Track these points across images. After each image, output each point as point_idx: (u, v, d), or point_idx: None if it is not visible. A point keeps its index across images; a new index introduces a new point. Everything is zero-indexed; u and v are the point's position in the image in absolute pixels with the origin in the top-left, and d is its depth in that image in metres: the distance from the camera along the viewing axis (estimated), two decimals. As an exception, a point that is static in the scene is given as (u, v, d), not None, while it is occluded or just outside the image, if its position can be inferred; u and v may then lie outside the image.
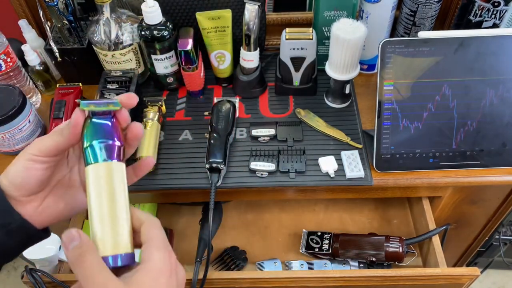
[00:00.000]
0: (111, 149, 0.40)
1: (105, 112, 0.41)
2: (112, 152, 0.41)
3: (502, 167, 0.75)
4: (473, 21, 0.80)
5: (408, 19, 0.83)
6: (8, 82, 0.82)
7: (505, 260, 1.31)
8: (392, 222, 0.93)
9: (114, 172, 0.40)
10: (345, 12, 0.80)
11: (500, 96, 0.72)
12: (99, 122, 0.41)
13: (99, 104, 0.41)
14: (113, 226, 0.39)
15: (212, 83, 0.90)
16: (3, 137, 0.75)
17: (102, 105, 0.41)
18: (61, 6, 0.79)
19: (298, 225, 0.93)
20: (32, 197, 0.43)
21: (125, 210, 0.40)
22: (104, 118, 0.41)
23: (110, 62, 0.82)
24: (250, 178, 0.74)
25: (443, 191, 0.80)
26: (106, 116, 0.41)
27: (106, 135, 0.41)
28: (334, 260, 0.87)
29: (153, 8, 0.75)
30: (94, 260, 0.37)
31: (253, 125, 0.81)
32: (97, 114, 0.41)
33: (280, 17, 0.91)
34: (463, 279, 0.73)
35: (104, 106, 0.41)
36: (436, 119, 0.73)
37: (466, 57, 0.70)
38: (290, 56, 0.80)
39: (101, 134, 0.40)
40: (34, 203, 0.44)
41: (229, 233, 0.93)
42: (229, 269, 0.87)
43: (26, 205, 0.43)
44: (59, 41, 0.84)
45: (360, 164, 0.74)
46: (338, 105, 0.84)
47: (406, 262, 0.87)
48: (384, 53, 0.70)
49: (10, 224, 0.41)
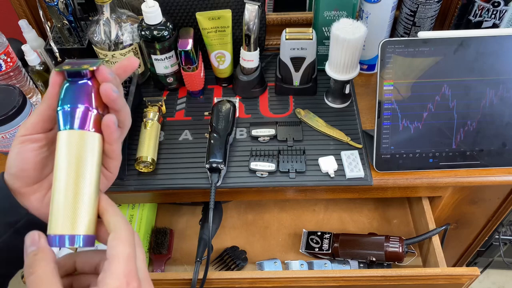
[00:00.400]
0: (83, 116, 0.36)
1: (80, 73, 0.37)
2: (84, 120, 0.37)
3: (502, 167, 0.75)
4: (473, 21, 0.80)
5: (408, 19, 0.83)
6: (8, 82, 0.82)
7: (505, 260, 1.31)
8: (392, 222, 0.93)
9: (85, 143, 0.37)
10: (345, 12, 0.80)
11: (500, 96, 0.72)
12: (72, 84, 0.37)
13: (74, 64, 0.37)
14: (76, 202, 0.36)
15: (212, 83, 0.90)
16: (3, 137, 0.75)
17: (76, 65, 0.37)
18: (61, 6, 0.79)
19: (298, 225, 0.93)
20: (35, 186, 0.41)
21: (93, 188, 0.37)
22: (79, 80, 0.37)
23: (110, 62, 0.82)
24: (250, 178, 0.74)
25: (443, 191, 0.80)
26: (82, 77, 0.37)
27: (77, 99, 0.36)
28: (334, 260, 0.87)
29: (153, 8, 0.75)
30: (46, 271, 0.35)
31: (253, 125, 0.81)
32: (72, 75, 0.37)
33: (280, 17, 0.91)
34: (463, 279, 0.74)
35: (78, 66, 0.37)
36: (436, 119, 0.73)
37: (466, 57, 0.70)
38: (290, 56, 0.80)
39: (72, 98, 0.36)
40: (38, 194, 0.41)
41: (229, 233, 0.93)
42: (229, 269, 0.87)
43: (30, 197, 0.41)
44: (59, 41, 0.84)
45: (360, 164, 0.74)
46: (338, 105, 0.84)
47: (406, 262, 0.87)
48: (384, 53, 0.70)
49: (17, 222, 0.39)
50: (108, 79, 0.37)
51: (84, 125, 0.37)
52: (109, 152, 0.40)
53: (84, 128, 0.37)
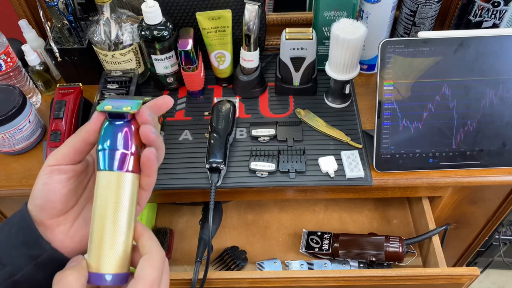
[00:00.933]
0: (121, 158, 0.38)
1: (122, 115, 0.38)
2: (121, 162, 0.38)
3: (502, 167, 0.75)
4: (473, 21, 0.80)
5: (408, 19, 0.83)
6: (8, 82, 0.82)
7: (505, 260, 1.31)
8: (392, 222, 0.93)
9: (123, 185, 0.38)
10: (345, 12, 0.80)
11: (500, 96, 0.72)
12: (113, 125, 0.38)
13: (116, 105, 0.38)
14: (111, 243, 0.37)
15: (212, 83, 0.90)
16: (3, 137, 0.75)
17: (118, 105, 0.38)
18: (61, 6, 0.79)
19: (298, 225, 0.93)
20: (60, 219, 0.40)
21: (128, 228, 0.38)
22: (120, 121, 0.38)
23: (110, 62, 0.82)
24: (250, 178, 0.74)
25: (443, 191, 0.80)
26: (122, 119, 0.38)
27: (117, 141, 0.38)
28: (334, 260, 0.87)
29: (153, 8, 0.75)
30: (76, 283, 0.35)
31: (253, 125, 0.81)
32: (114, 116, 0.38)
33: (280, 17, 0.91)
34: (463, 279, 0.73)
35: (120, 108, 0.38)
36: (436, 119, 0.73)
37: (466, 57, 0.70)
38: (290, 56, 0.80)
39: (113, 140, 0.38)
40: (63, 227, 0.40)
41: (229, 233, 0.93)
42: (229, 269, 0.87)
43: (55, 229, 0.40)
44: (59, 41, 0.84)
45: (360, 164, 0.74)
46: (338, 105, 0.84)
47: (406, 262, 0.87)
48: (384, 53, 0.70)
49: (39, 256, 0.38)
50: (148, 121, 0.38)
51: (123, 167, 0.38)
52: (146, 184, 0.41)
53: (123, 169, 0.38)
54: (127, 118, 0.38)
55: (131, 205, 0.39)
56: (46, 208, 0.39)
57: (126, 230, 0.38)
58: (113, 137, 0.38)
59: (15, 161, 0.79)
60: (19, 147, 0.78)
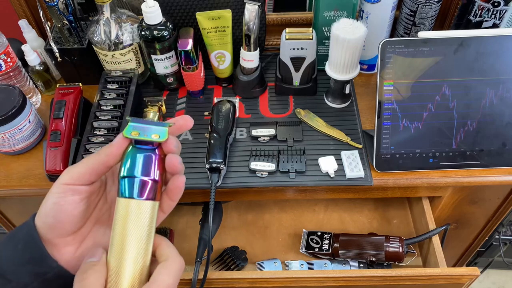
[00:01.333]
0: (146, 186, 0.37)
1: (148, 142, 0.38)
2: (146, 191, 0.37)
3: (502, 167, 0.75)
4: (473, 21, 0.80)
5: (408, 19, 0.83)
6: (8, 82, 0.82)
7: (505, 260, 1.31)
8: (392, 222, 0.93)
9: (143, 213, 0.38)
10: (345, 12, 0.80)
11: (500, 96, 0.72)
12: (138, 152, 0.38)
13: (142, 131, 0.37)
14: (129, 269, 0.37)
15: (212, 83, 0.90)
16: (3, 137, 0.75)
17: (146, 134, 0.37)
18: (61, 6, 0.79)
19: (298, 225, 0.93)
20: (68, 238, 0.39)
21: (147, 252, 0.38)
22: (146, 148, 0.38)
23: (110, 62, 0.82)
24: (250, 178, 0.74)
25: (443, 191, 0.80)
26: (150, 146, 0.38)
27: (140, 170, 0.37)
28: (334, 260, 0.87)
29: (153, 8, 0.75)
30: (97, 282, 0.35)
31: (253, 125, 0.81)
32: (140, 143, 0.38)
33: (280, 17, 0.91)
34: (463, 279, 0.73)
35: (148, 137, 0.37)
36: (436, 119, 0.73)
37: (466, 57, 0.70)
38: (290, 56, 0.80)
39: (136, 168, 0.37)
40: (71, 247, 0.40)
41: (229, 233, 0.93)
42: (229, 269, 0.87)
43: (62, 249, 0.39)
44: (59, 41, 0.84)
45: (360, 164, 0.74)
46: (338, 105, 0.84)
47: (406, 262, 0.87)
48: (384, 53, 0.70)
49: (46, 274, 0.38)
50: (174, 151, 0.38)
51: (143, 195, 0.38)
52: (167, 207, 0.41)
53: (146, 197, 0.38)
54: (154, 146, 0.38)
55: (152, 231, 0.39)
56: (55, 228, 0.38)
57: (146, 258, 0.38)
58: (137, 165, 0.37)
59: (15, 161, 0.79)
60: (19, 147, 0.78)
